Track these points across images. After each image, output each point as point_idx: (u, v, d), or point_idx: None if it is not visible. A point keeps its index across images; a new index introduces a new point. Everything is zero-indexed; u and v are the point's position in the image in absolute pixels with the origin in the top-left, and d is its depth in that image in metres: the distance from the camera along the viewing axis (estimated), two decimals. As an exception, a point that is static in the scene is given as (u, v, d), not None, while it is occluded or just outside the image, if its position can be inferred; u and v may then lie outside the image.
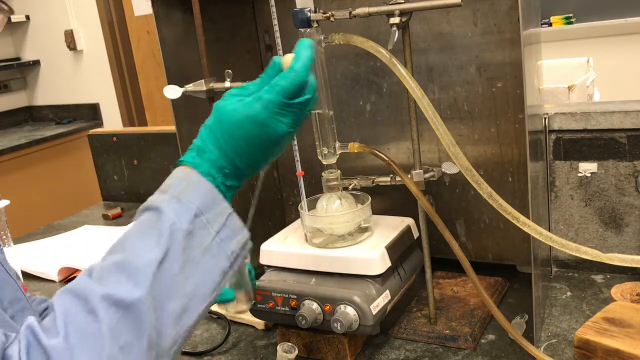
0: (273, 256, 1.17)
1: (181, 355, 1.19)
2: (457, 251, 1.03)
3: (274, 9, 1.11)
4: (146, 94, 3.92)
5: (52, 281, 1.62)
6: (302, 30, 1.05)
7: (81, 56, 4.00)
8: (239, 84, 1.19)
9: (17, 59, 4.21)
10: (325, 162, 1.13)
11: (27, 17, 4.08)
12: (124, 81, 3.87)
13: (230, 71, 1.19)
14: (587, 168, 1.28)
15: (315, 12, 1.04)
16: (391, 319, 1.19)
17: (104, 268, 0.65)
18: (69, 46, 3.94)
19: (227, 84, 1.19)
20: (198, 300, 0.66)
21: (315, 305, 1.07)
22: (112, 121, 3.97)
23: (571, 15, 3.76)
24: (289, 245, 1.17)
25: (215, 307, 1.28)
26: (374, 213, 1.18)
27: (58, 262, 1.64)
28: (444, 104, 1.31)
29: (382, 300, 1.07)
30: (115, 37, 3.81)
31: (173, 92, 1.18)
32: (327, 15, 1.03)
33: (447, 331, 1.14)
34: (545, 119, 1.28)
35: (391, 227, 1.19)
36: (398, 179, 1.10)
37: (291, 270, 1.15)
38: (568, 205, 1.31)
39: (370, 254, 1.09)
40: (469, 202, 1.34)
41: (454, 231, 1.37)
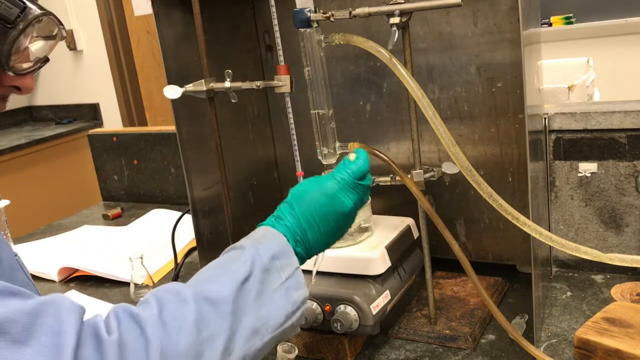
0: (273, 256, 1.17)
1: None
2: (457, 251, 1.03)
3: (274, 9, 1.11)
4: (146, 94, 3.92)
5: (52, 281, 1.62)
6: (302, 30, 1.05)
7: (81, 56, 4.00)
8: (239, 84, 1.20)
9: (17, 59, 4.20)
10: (325, 162, 1.13)
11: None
12: (124, 81, 3.87)
13: (230, 71, 1.19)
14: (587, 168, 1.28)
15: (315, 12, 1.04)
16: (391, 319, 1.19)
17: (192, 281, 0.74)
18: (69, 46, 3.94)
19: (227, 84, 1.19)
20: (267, 328, 0.73)
21: (315, 305, 1.07)
22: (112, 121, 3.97)
23: (571, 15, 3.76)
24: (289, 245, 1.17)
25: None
26: (374, 213, 1.18)
27: (58, 262, 1.64)
28: (444, 104, 1.31)
29: (382, 300, 1.07)
30: (115, 37, 3.80)
31: (173, 92, 1.18)
32: (327, 15, 1.03)
33: (447, 331, 1.14)
34: (545, 119, 1.28)
35: (391, 227, 1.19)
36: (398, 179, 1.10)
37: (291, 270, 1.15)
38: (568, 205, 1.31)
39: (370, 254, 1.08)
40: (469, 202, 1.34)
41: (454, 231, 1.37)
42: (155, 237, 1.76)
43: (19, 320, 0.56)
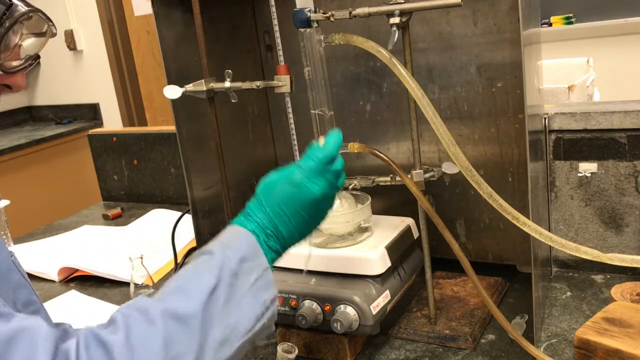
0: (273, 256, 1.17)
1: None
2: (457, 251, 1.03)
3: (274, 9, 1.11)
4: (146, 94, 3.92)
5: (52, 281, 1.62)
6: (302, 30, 1.05)
7: (81, 56, 4.00)
8: (239, 84, 1.20)
9: (17, 59, 4.21)
10: (325, 162, 1.12)
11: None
12: (124, 81, 3.87)
13: (230, 71, 1.19)
14: (587, 168, 1.28)
15: (315, 12, 1.04)
16: (391, 319, 1.19)
17: (162, 292, 0.73)
18: (69, 46, 3.94)
19: (227, 84, 1.19)
20: (236, 335, 0.73)
21: (315, 305, 1.07)
22: (112, 121, 3.97)
23: (571, 15, 3.76)
24: (289, 245, 1.17)
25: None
26: (374, 213, 1.18)
27: (58, 262, 1.64)
28: (444, 104, 1.31)
29: (382, 300, 1.07)
30: (115, 37, 3.80)
31: (173, 92, 1.18)
32: (327, 15, 1.03)
33: (447, 331, 1.14)
34: (545, 119, 1.28)
35: (391, 227, 1.19)
36: (398, 179, 1.10)
37: (291, 270, 1.15)
38: (568, 205, 1.31)
39: (370, 254, 1.09)
40: (469, 202, 1.34)
41: (454, 231, 1.37)
42: (155, 237, 1.76)
43: None
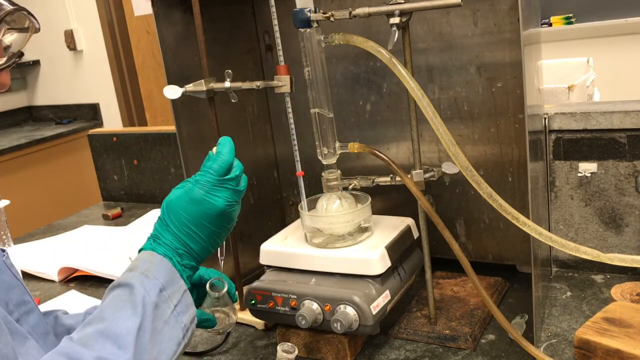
0: (273, 256, 1.17)
1: (181, 355, 1.19)
2: (457, 251, 1.03)
3: (274, 9, 1.11)
4: (146, 94, 3.92)
5: (52, 281, 1.62)
6: (302, 30, 1.05)
7: (81, 56, 4.00)
8: (239, 84, 1.20)
9: (17, 59, 4.21)
10: (325, 162, 1.13)
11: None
12: (124, 81, 3.87)
13: (230, 71, 1.19)
14: (587, 168, 1.28)
15: (315, 12, 1.04)
16: (391, 319, 1.19)
17: (87, 335, 0.71)
18: (69, 46, 3.94)
19: (227, 84, 1.19)
20: None
21: (315, 305, 1.07)
22: (112, 121, 3.97)
23: (571, 15, 3.76)
24: (289, 245, 1.17)
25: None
26: (374, 213, 1.18)
27: (58, 262, 1.64)
28: (444, 104, 1.31)
29: (382, 300, 1.07)
30: (115, 37, 3.81)
31: (173, 92, 1.18)
32: (327, 15, 1.03)
33: (447, 331, 1.14)
34: (545, 119, 1.28)
35: (391, 227, 1.19)
36: (398, 179, 1.10)
37: (291, 270, 1.15)
38: (568, 205, 1.31)
39: (370, 254, 1.09)
40: (469, 202, 1.34)
41: (454, 231, 1.37)
42: (155, 237, 1.76)
43: None
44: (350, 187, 1.15)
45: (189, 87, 1.20)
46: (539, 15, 1.25)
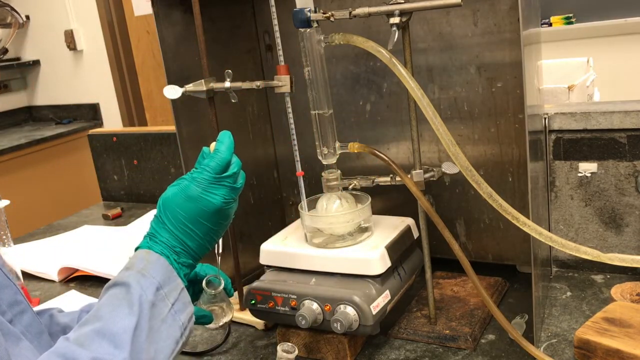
0: (273, 256, 1.17)
1: (181, 355, 1.19)
2: (457, 251, 1.03)
3: (274, 9, 1.11)
4: (146, 94, 3.92)
5: (52, 281, 1.62)
6: (302, 30, 1.05)
7: (81, 56, 4.00)
8: (239, 84, 1.20)
9: (17, 59, 4.21)
10: (325, 162, 1.13)
11: (27, 17, 4.07)
12: (124, 81, 3.87)
13: (230, 71, 1.19)
14: (587, 168, 1.28)
15: (315, 12, 1.04)
16: (391, 319, 1.19)
17: (83, 335, 0.71)
18: (69, 46, 3.94)
19: (227, 84, 1.19)
20: None
21: (315, 305, 1.07)
22: (112, 121, 3.97)
23: (571, 15, 3.76)
24: (289, 245, 1.17)
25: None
26: (374, 213, 1.18)
27: (58, 262, 1.64)
28: (444, 104, 1.31)
29: (382, 300, 1.07)
30: (115, 37, 3.81)
31: (173, 92, 1.18)
32: (327, 15, 1.03)
33: (447, 331, 1.14)
34: (545, 119, 1.28)
35: (391, 227, 1.19)
36: (398, 179, 1.10)
37: (291, 270, 1.15)
38: (568, 205, 1.31)
39: (370, 254, 1.09)
40: (469, 202, 1.34)
41: (454, 231, 1.37)
42: (155, 237, 1.76)
43: None
44: (350, 187, 1.15)
45: (189, 87, 1.20)
46: (539, 15, 1.25)
